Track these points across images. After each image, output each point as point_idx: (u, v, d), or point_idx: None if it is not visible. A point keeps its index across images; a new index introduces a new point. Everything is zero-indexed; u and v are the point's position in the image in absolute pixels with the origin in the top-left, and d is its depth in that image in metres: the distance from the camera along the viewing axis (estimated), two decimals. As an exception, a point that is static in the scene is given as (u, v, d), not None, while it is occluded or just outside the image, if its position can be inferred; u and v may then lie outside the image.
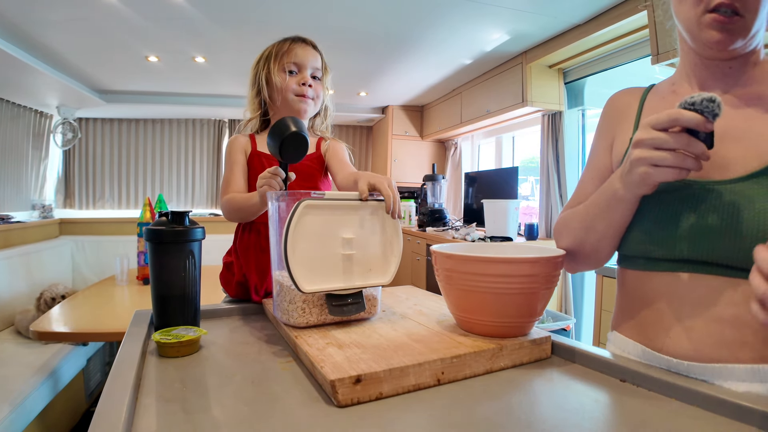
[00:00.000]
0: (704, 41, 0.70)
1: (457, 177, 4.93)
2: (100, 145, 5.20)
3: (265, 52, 1.25)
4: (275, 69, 1.21)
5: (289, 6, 2.62)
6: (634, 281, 0.79)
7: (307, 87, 1.21)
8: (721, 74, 0.75)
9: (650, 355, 0.74)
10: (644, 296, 0.77)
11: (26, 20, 2.72)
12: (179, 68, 3.79)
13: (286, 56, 1.21)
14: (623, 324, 0.83)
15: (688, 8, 0.71)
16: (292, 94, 1.21)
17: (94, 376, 2.99)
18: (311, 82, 1.22)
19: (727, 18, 0.67)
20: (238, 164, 1.23)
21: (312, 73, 1.23)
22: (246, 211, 1.12)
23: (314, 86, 1.24)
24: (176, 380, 0.67)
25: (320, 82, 1.26)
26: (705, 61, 0.75)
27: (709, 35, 0.69)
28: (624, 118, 0.87)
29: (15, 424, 1.92)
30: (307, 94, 1.22)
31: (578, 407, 0.59)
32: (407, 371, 0.63)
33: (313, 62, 1.23)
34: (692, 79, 0.79)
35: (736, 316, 0.65)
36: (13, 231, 3.50)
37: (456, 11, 2.66)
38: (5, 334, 2.81)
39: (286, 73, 1.21)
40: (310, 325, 0.84)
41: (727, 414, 0.56)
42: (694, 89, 0.78)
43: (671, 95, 0.82)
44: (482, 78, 3.86)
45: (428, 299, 1.10)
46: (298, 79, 1.21)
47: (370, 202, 0.87)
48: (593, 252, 0.82)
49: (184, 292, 0.88)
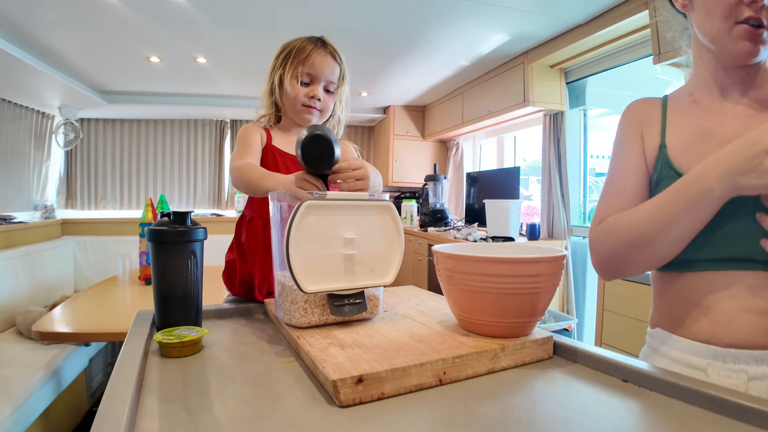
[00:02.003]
0: (735, 51, 0.75)
1: (459, 177, 4.93)
2: (102, 146, 5.21)
3: (286, 49, 1.22)
4: (289, 74, 1.18)
5: (290, 7, 2.63)
6: (672, 281, 0.83)
7: (315, 100, 1.20)
8: (739, 80, 0.80)
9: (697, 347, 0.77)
10: (685, 295, 0.80)
11: (28, 21, 2.73)
12: (181, 69, 3.80)
13: (302, 64, 1.18)
14: (665, 321, 0.85)
15: (717, 21, 0.75)
16: (300, 104, 1.20)
17: (96, 376, 3.00)
18: (321, 95, 1.21)
19: (755, 29, 0.72)
20: (255, 146, 1.19)
21: (325, 86, 1.22)
22: (256, 189, 1.05)
23: (324, 99, 1.22)
24: (178, 380, 0.68)
25: (332, 95, 1.25)
26: (726, 69, 0.80)
27: (742, 46, 0.74)
28: (649, 125, 0.89)
29: (17, 424, 1.92)
30: (314, 106, 1.21)
31: (580, 408, 0.59)
32: (409, 371, 0.63)
33: (328, 74, 1.21)
34: (712, 86, 0.83)
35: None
36: (16, 231, 3.51)
37: (458, 12, 2.66)
38: (7, 335, 2.81)
39: (298, 82, 1.19)
40: (311, 325, 0.84)
41: (729, 414, 0.56)
42: (714, 96, 0.83)
43: (693, 105, 0.86)
44: (484, 78, 3.86)
45: (430, 299, 1.10)
46: (309, 91, 1.20)
47: (372, 202, 0.87)
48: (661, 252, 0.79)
49: (186, 292, 0.88)
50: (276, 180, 1.00)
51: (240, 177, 1.08)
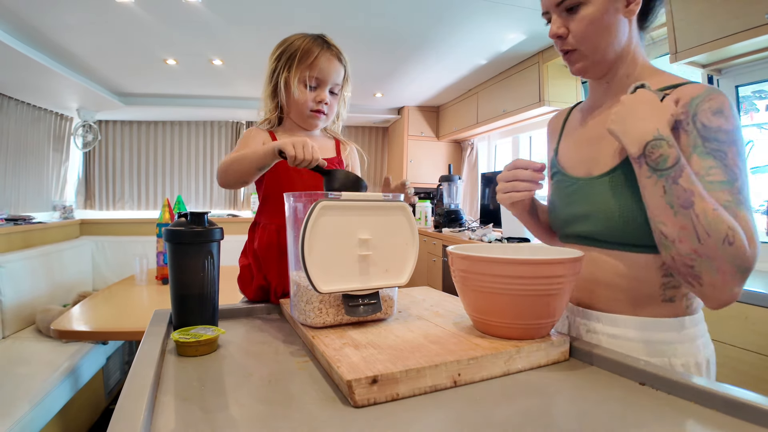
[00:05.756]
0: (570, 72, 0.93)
1: (474, 177, 4.91)
2: (120, 147, 5.28)
3: (288, 49, 1.19)
4: (296, 78, 1.18)
5: (305, 8, 2.64)
6: None
7: (323, 104, 1.20)
8: (602, 91, 0.95)
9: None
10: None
11: (46, 24, 2.78)
12: (197, 71, 3.84)
13: (309, 69, 1.17)
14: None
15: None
16: (308, 110, 1.20)
17: (113, 374, 3.04)
18: (328, 99, 1.21)
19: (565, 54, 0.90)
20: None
21: (331, 88, 1.21)
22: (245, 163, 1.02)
23: (330, 103, 1.22)
24: (194, 379, 0.68)
25: (336, 97, 1.25)
26: (592, 83, 0.97)
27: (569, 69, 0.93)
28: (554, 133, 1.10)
29: (35, 421, 1.96)
30: (323, 110, 1.21)
31: (596, 411, 0.59)
32: (424, 372, 0.63)
33: (335, 77, 1.20)
34: (590, 98, 1.00)
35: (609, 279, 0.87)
36: (35, 232, 3.57)
37: (472, 11, 2.65)
38: (26, 333, 2.86)
39: (306, 87, 1.18)
40: (326, 326, 0.84)
41: (746, 418, 0.55)
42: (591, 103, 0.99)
43: (579, 114, 1.03)
44: (498, 78, 3.84)
45: (444, 300, 1.09)
46: (316, 95, 1.19)
47: (386, 202, 0.87)
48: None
49: (202, 292, 0.89)
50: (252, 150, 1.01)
51: (227, 165, 1.07)
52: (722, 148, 0.74)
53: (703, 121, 0.76)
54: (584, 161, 0.93)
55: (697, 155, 0.75)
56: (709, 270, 0.70)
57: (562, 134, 1.05)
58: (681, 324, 0.83)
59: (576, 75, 0.92)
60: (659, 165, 0.73)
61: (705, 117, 0.76)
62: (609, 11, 0.82)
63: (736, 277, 0.70)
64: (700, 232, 0.69)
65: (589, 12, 0.82)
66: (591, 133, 0.94)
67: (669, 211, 0.72)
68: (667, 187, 0.72)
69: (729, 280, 0.70)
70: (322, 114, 1.22)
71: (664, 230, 0.74)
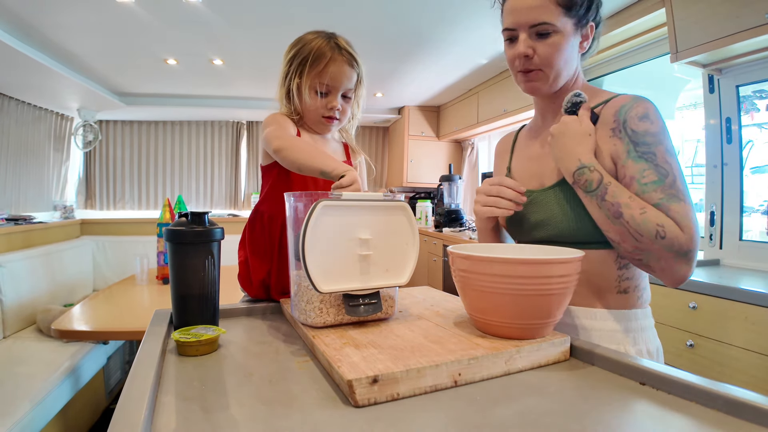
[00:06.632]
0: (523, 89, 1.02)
1: (474, 177, 4.91)
2: (120, 147, 5.28)
3: (300, 52, 1.17)
4: (306, 85, 1.17)
5: (305, 7, 2.64)
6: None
7: (335, 110, 1.19)
8: (551, 108, 1.05)
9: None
10: None
11: (46, 24, 2.78)
12: (197, 71, 3.84)
13: (319, 77, 1.16)
14: None
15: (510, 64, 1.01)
16: (320, 116, 1.20)
17: (114, 374, 3.04)
18: (340, 105, 1.20)
19: (525, 74, 0.98)
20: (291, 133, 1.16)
21: (344, 93, 1.20)
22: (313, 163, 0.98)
23: (342, 107, 1.21)
24: (195, 379, 0.68)
25: (349, 100, 1.23)
26: (537, 100, 1.08)
27: (523, 86, 1.01)
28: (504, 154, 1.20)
29: (36, 421, 1.96)
30: (334, 116, 1.20)
31: (596, 410, 0.59)
32: (424, 372, 0.63)
33: (346, 84, 1.19)
34: (538, 115, 1.11)
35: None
36: (35, 231, 3.57)
37: (472, 11, 2.65)
38: (27, 333, 2.86)
39: (317, 94, 1.17)
40: (327, 325, 0.84)
41: (747, 418, 0.55)
42: (537, 121, 1.11)
43: (529, 132, 1.14)
44: (499, 77, 3.84)
45: (445, 300, 1.09)
46: (327, 102, 1.18)
47: (387, 202, 0.87)
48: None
49: (203, 292, 0.89)
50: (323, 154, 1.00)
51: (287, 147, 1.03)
52: (651, 150, 0.85)
53: (632, 127, 0.87)
54: (535, 175, 1.04)
55: (632, 160, 0.86)
56: (653, 259, 0.82)
57: (513, 153, 1.16)
58: (635, 315, 0.93)
59: (528, 93, 1.02)
60: (587, 188, 0.87)
61: (633, 123, 0.87)
62: (571, 42, 0.94)
63: (679, 260, 0.80)
64: (634, 234, 0.81)
65: (557, 40, 0.92)
66: (539, 150, 1.05)
67: (607, 221, 0.85)
68: (598, 203, 0.85)
69: (673, 264, 0.81)
70: (335, 119, 1.21)
71: (609, 235, 0.86)
